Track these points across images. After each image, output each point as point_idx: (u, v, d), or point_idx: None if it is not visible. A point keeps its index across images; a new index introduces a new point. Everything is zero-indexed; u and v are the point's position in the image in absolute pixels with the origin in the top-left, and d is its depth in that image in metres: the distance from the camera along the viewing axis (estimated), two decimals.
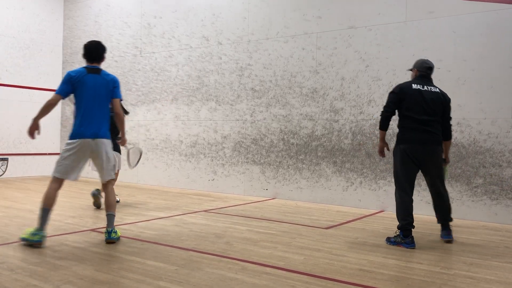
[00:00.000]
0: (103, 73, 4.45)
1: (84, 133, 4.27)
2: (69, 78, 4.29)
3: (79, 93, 4.32)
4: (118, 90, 4.52)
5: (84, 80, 4.31)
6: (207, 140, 8.57)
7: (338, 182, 7.11)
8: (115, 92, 4.47)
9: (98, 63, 4.49)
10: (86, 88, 4.30)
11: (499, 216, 5.88)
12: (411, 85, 4.61)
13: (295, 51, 7.56)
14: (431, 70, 4.75)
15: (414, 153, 4.52)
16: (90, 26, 10.53)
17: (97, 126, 4.32)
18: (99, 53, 4.49)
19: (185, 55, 8.90)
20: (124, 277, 3.34)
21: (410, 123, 4.53)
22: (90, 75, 4.35)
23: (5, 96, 9.99)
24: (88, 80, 4.32)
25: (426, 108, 4.52)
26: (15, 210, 6.05)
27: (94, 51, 4.47)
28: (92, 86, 4.32)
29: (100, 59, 4.51)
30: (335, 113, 7.17)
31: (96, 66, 4.45)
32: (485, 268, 3.79)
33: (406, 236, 4.43)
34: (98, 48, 4.50)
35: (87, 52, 4.47)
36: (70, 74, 4.32)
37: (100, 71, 4.44)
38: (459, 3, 6.23)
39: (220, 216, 5.93)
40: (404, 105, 4.56)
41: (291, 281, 3.32)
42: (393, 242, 4.51)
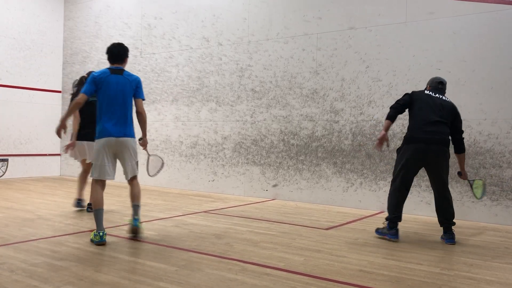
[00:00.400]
0: (126, 74, 4.62)
1: (109, 132, 4.45)
2: (93, 78, 4.48)
3: (102, 93, 4.49)
4: (140, 90, 4.69)
5: (107, 80, 4.49)
6: (207, 141, 8.57)
7: (338, 183, 7.11)
8: (137, 92, 4.65)
9: (121, 64, 4.65)
10: (109, 88, 4.48)
11: (499, 217, 5.87)
12: (423, 91, 4.90)
13: (295, 52, 7.56)
14: (442, 84, 4.95)
15: (420, 152, 4.59)
16: (90, 27, 10.54)
17: (120, 125, 4.49)
18: (120, 54, 4.66)
19: (185, 56, 8.91)
20: (124, 278, 3.34)
21: (418, 123, 4.64)
22: (113, 76, 4.53)
23: (5, 97, 9.99)
24: (111, 80, 4.50)
25: (435, 109, 4.65)
26: (15, 211, 6.05)
27: (116, 52, 4.64)
28: (114, 86, 4.50)
29: (122, 60, 4.67)
30: (335, 114, 7.17)
31: (119, 67, 4.61)
32: (485, 269, 3.79)
33: (391, 228, 4.70)
34: (120, 50, 4.67)
35: (110, 54, 4.65)
36: (94, 74, 4.52)
37: (123, 71, 4.61)
38: (459, 4, 6.23)
39: (220, 217, 5.93)
40: (414, 106, 4.74)
41: (291, 282, 3.32)
42: (380, 232, 4.81)
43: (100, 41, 10.32)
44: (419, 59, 6.48)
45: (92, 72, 4.61)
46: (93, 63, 10.42)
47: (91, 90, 4.46)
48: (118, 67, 4.61)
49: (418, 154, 4.59)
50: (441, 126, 4.62)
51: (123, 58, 4.68)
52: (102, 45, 10.28)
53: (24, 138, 10.30)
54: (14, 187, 8.63)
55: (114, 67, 4.60)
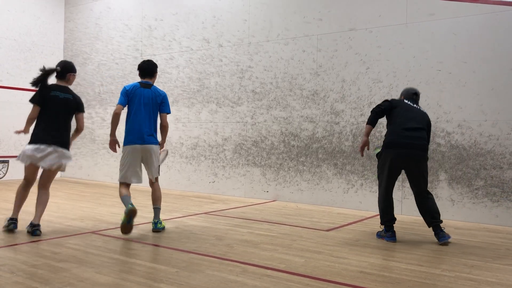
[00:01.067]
0: (153, 88, 5.12)
1: (132, 140, 4.98)
2: (125, 91, 5.02)
3: (131, 103, 5.02)
4: (166, 105, 5.18)
5: (136, 93, 5.00)
6: (208, 142, 8.57)
7: (339, 184, 7.10)
8: (163, 107, 5.15)
9: (150, 78, 5.14)
10: (137, 100, 5.00)
11: (500, 218, 5.87)
12: (403, 99, 5.04)
13: (296, 53, 7.57)
14: (416, 95, 5.11)
15: (401, 157, 4.72)
16: (91, 29, 10.55)
17: (142, 133, 5.01)
18: (149, 69, 5.14)
19: (185, 57, 8.91)
20: (125, 279, 3.34)
21: (398, 128, 4.76)
22: (142, 89, 5.04)
23: (6, 98, 10.00)
24: (139, 93, 5.01)
25: (415, 116, 4.80)
26: None
27: (146, 68, 5.12)
28: (141, 98, 5.01)
29: (151, 75, 5.15)
30: (335, 115, 7.17)
31: (147, 82, 5.11)
32: (486, 270, 3.79)
33: (388, 230, 4.83)
34: (149, 66, 5.15)
35: (140, 69, 5.15)
36: (125, 88, 5.06)
37: (151, 86, 5.11)
38: (460, 5, 6.23)
39: (221, 218, 5.93)
40: (394, 112, 4.88)
41: (291, 283, 3.32)
42: (378, 235, 4.93)
43: (101, 43, 10.33)
44: (419, 60, 6.48)
45: (124, 86, 5.17)
46: (93, 64, 10.43)
47: (124, 100, 4.99)
48: (147, 82, 5.10)
49: (400, 158, 4.73)
50: (421, 132, 4.77)
51: (152, 74, 5.16)
52: (103, 47, 10.29)
53: (25, 139, 10.24)
54: (15, 188, 8.60)
55: (144, 81, 5.10)
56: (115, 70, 10.02)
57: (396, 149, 4.73)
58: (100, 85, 10.29)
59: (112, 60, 10.12)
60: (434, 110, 6.33)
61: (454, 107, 6.19)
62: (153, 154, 5.07)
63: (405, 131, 4.72)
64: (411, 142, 4.69)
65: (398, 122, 4.79)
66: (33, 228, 4.68)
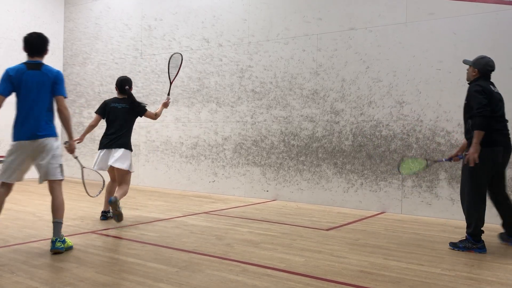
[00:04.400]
0: (45, 68, 4.20)
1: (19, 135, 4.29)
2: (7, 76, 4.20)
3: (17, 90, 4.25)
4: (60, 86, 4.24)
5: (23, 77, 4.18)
6: (208, 142, 8.57)
7: (339, 184, 7.10)
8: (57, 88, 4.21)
9: (40, 57, 4.23)
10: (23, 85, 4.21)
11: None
12: (489, 86, 4.44)
13: (296, 53, 7.56)
14: (492, 72, 4.60)
15: (499, 156, 4.36)
16: (90, 28, 10.54)
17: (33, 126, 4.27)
18: (39, 45, 4.20)
19: (185, 57, 8.90)
20: (125, 279, 3.34)
21: (495, 125, 4.34)
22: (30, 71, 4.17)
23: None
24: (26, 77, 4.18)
25: (502, 111, 4.45)
26: (15, 212, 6.05)
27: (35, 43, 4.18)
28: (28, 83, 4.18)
29: (41, 52, 4.22)
30: (335, 115, 7.17)
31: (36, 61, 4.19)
32: (486, 269, 3.79)
33: (478, 241, 4.33)
34: (39, 40, 4.21)
35: (28, 45, 4.20)
36: (8, 72, 4.20)
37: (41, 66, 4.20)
38: (459, 4, 6.23)
39: (221, 218, 5.93)
40: (490, 105, 4.34)
41: (292, 283, 3.32)
42: (463, 248, 4.36)
43: (101, 43, 10.33)
44: (419, 59, 6.48)
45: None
46: (93, 64, 10.43)
47: (6, 89, 4.20)
48: (36, 61, 4.18)
49: (498, 157, 4.38)
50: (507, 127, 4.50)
51: (43, 50, 4.21)
52: (103, 47, 10.28)
53: None
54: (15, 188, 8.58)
55: (32, 61, 4.18)
56: (115, 70, 10.01)
57: (496, 147, 4.33)
58: (99, 84, 10.29)
59: (111, 60, 10.11)
60: (434, 109, 6.33)
61: (454, 106, 6.18)
62: (47, 149, 4.17)
63: (502, 128, 4.37)
64: (507, 140, 4.38)
65: (493, 117, 4.31)
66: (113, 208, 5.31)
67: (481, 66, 4.52)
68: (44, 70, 4.14)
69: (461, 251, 4.34)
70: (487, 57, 4.57)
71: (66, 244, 4.10)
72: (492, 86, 4.51)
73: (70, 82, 10.85)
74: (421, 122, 6.43)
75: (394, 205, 6.60)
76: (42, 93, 4.14)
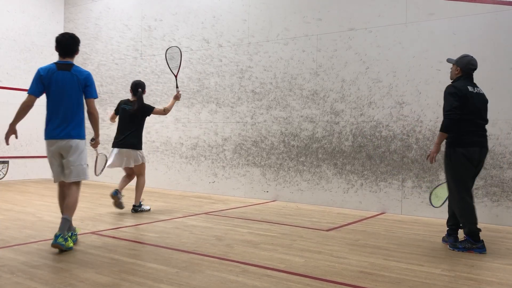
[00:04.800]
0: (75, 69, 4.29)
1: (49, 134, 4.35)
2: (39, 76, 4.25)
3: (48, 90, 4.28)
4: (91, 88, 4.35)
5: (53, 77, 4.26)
6: (208, 143, 8.57)
7: (339, 184, 7.10)
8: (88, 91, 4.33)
9: (71, 57, 4.35)
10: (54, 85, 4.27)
11: (500, 217, 5.87)
12: (467, 87, 4.46)
13: (296, 53, 7.57)
14: (474, 71, 4.62)
15: (474, 155, 4.40)
16: (90, 29, 10.55)
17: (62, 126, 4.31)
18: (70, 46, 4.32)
19: (185, 58, 8.91)
20: (125, 279, 3.34)
21: (470, 126, 4.40)
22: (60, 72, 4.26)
23: (5, 99, 10.00)
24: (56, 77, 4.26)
25: (479, 112, 4.46)
26: (15, 213, 6.05)
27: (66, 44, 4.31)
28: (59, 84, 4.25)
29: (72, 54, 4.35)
30: (335, 115, 7.17)
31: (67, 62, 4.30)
32: (486, 270, 3.79)
33: (477, 240, 4.32)
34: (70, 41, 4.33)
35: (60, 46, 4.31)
36: (39, 72, 4.23)
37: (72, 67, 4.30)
38: (459, 4, 6.23)
39: (221, 219, 5.93)
40: (464, 108, 4.38)
41: (291, 283, 3.32)
42: (462, 248, 4.37)
43: (101, 43, 10.33)
44: (419, 60, 6.48)
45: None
46: (93, 65, 10.43)
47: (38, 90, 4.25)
48: (66, 62, 4.29)
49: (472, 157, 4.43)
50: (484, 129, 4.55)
51: (73, 51, 4.33)
52: (102, 47, 10.29)
53: (25, 140, 10.30)
54: (15, 189, 8.63)
55: (63, 61, 4.29)
56: (115, 71, 10.02)
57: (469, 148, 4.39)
58: (99, 85, 10.28)
59: (111, 61, 10.12)
60: (434, 109, 6.33)
61: None
62: (74, 150, 4.21)
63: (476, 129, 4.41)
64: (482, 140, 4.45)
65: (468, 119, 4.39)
66: (134, 207, 6.24)
67: (463, 65, 4.57)
68: (74, 71, 4.22)
69: (460, 252, 4.34)
70: (469, 56, 4.62)
71: (68, 244, 4.06)
72: (473, 86, 4.53)
73: None
74: (421, 122, 6.43)
75: (394, 205, 6.60)
76: (72, 93, 4.21)
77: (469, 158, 4.38)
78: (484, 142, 4.49)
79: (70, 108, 4.22)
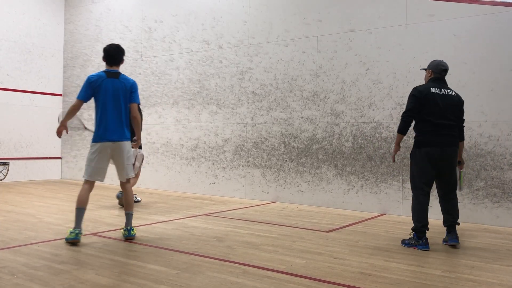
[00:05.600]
0: (122, 77, 4.72)
1: (102, 137, 4.62)
2: (88, 83, 4.64)
3: (98, 96, 4.65)
4: (135, 94, 4.78)
5: (103, 84, 4.62)
6: (208, 144, 8.57)
7: (339, 185, 7.10)
8: (132, 96, 4.74)
9: (118, 66, 4.79)
10: (103, 92, 4.62)
11: (500, 219, 5.86)
12: (429, 88, 4.60)
13: (296, 55, 7.57)
14: (446, 72, 4.77)
15: (432, 155, 4.53)
16: (91, 30, 10.56)
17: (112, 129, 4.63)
18: (118, 56, 4.78)
19: (185, 59, 8.92)
20: (125, 281, 3.34)
21: (428, 127, 4.55)
22: (109, 80, 4.65)
23: (6, 100, 10.01)
24: (106, 84, 4.63)
25: (444, 112, 4.55)
26: (16, 214, 6.04)
27: (114, 55, 4.74)
28: (108, 90, 4.62)
29: (119, 63, 4.80)
30: (335, 117, 7.18)
31: (115, 71, 4.73)
32: (487, 271, 3.78)
33: (420, 238, 4.48)
34: (118, 52, 4.78)
35: (108, 56, 4.76)
36: (89, 79, 4.65)
37: (119, 75, 4.72)
38: (459, 6, 6.24)
39: (221, 220, 5.93)
40: (423, 109, 4.56)
41: (292, 284, 3.31)
42: (407, 244, 4.56)
43: (101, 45, 10.33)
44: (419, 61, 6.49)
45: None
46: (93, 66, 10.43)
47: (86, 96, 4.60)
48: (114, 71, 4.70)
49: (431, 157, 4.60)
50: (450, 128, 4.66)
51: (120, 61, 4.78)
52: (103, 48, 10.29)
53: (25, 141, 10.31)
54: (15, 190, 8.63)
55: (111, 70, 4.70)
56: None
57: (427, 148, 4.56)
58: None
59: None
60: None
61: None
62: (124, 151, 4.66)
63: (435, 129, 4.55)
64: (443, 140, 4.55)
65: (427, 120, 4.57)
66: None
67: (433, 66, 4.78)
68: (121, 79, 4.67)
69: (407, 247, 4.50)
70: (439, 60, 4.87)
71: (133, 232, 4.71)
72: (439, 88, 4.64)
73: (70, 84, 10.87)
74: None
75: (394, 207, 6.60)
76: (120, 99, 4.62)
77: (428, 158, 4.54)
78: (447, 142, 4.57)
79: (120, 112, 4.62)
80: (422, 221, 4.49)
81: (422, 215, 4.51)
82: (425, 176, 4.57)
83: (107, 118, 4.57)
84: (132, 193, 4.84)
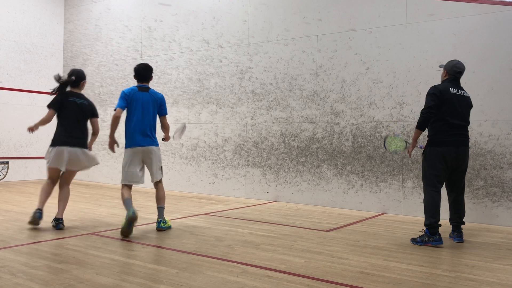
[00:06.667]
0: (151, 91, 5.25)
1: (133, 143, 5.12)
2: (124, 94, 5.15)
3: (130, 107, 5.17)
4: (164, 107, 5.39)
5: (135, 96, 5.14)
6: (208, 143, 8.57)
7: (339, 185, 7.10)
8: (162, 109, 5.36)
9: (148, 82, 5.29)
10: (136, 103, 5.15)
11: (500, 218, 5.87)
12: (448, 88, 4.68)
13: (296, 54, 7.57)
14: (460, 74, 4.84)
15: (448, 155, 4.62)
16: (90, 30, 10.55)
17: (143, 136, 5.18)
18: (147, 74, 5.30)
19: (185, 58, 8.91)
20: (125, 280, 3.33)
21: (444, 126, 4.64)
22: (140, 93, 5.17)
23: (6, 100, 10.01)
24: (138, 96, 5.15)
25: (459, 113, 4.67)
26: (15, 213, 6.04)
27: (143, 74, 5.25)
28: (139, 102, 5.15)
29: (148, 79, 5.31)
30: (335, 116, 7.17)
31: (145, 85, 5.23)
32: (486, 270, 3.78)
33: (434, 233, 4.54)
34: (147, 71, 5.30)
35: (138, 74, 5.26)
36: (124, 91, 5.18)
37: (149, 89, 5.23)
38: (459, 5, 6.23)
39: (221, 219, 5.93)
40: (442, 108, 4.63)
41: (292, 284, 3.31)
42: (420, 242, 4.60)
43: (101, 44, 10.33)
44: (419, 60, 6.48)
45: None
46: (93, 65, 10.43)
47: (124, 104, 5.10)
48: (145, 85, 5.24)
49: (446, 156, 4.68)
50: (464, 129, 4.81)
51: (149, 78, 5.31)
52: (102, 48, 10.29)
53: (25, 141, 10.31)
54: (15, 190, 8.63)
55: (142, 85, 5.24)
56: (115, 71, 10.02)
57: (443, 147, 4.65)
58: (99, 86, 10.29)
59: (112, 61, 10.12)
60: None
61: None
62: (154, 155, 5.20)
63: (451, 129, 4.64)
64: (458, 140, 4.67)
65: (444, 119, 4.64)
66: (57, 222, 5.13)
67: (449, 68, 4.84)
68: (151, 93, 5.24)
69: (419, 245, 4.55)
70: (456, 60, 4.92)
71: (167, 224, 5.19)
72: (457, 89, 4.73)
73: None
74: None
75: (394, 206, 6.60)
76: (150, 110, 5.20)
77: (443, 157, 4.61)
78: (461, 141, 4.69)
79: (150, 121, 5.20)
80: (436, 216, 4.56)
81: (436, 211, 4.59)
82: (438, 174, 4.65)
83: (138, 126, 5.09)
84: (163, 189, 5.29)
